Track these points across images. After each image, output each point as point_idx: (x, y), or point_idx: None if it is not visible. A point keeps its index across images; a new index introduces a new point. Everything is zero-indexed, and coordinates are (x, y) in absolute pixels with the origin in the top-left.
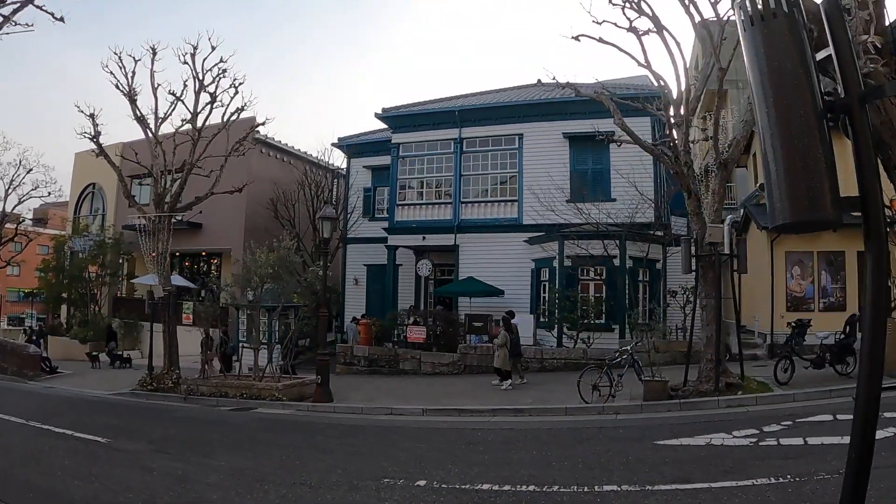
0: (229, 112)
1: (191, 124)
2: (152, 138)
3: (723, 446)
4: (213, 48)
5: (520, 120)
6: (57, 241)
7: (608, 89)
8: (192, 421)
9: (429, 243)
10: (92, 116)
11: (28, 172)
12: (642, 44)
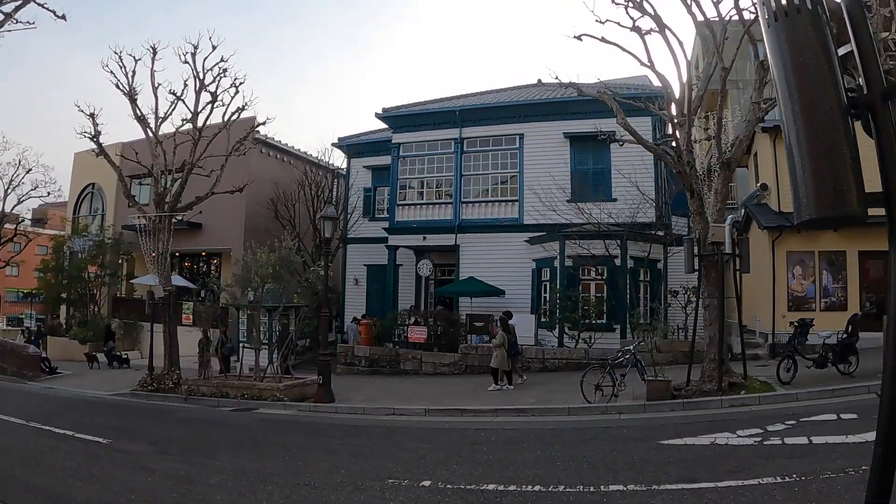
0: (230, 112)
1: (191, 124)
2: (153, 138)
3: (727, 446)
4: (214, 47)
5: (520, 120)
6: (56, 241)
7: (609, 89)
8: (193, 421)
9: (429, 243)
10: (92, 116)
11: (27, 172)
12: (646, 43)
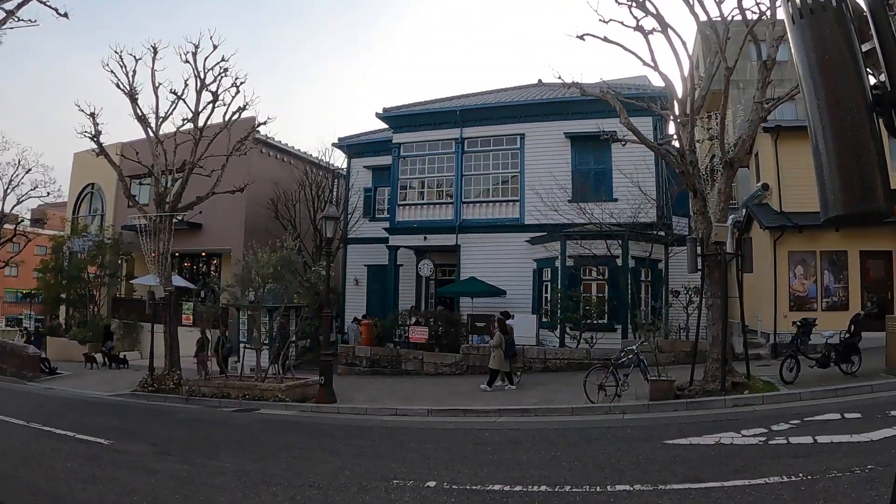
0: (231, 111)
1: (192, 123)
2: (153, 137)
3: (732, 445)
4: (215, 47)
5: (521, 120)
6: (56, 241)
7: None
8: (194, 422)
9: (430, 243)
10: (92, 115)
11: (27, 172)
12: (649, 43)
